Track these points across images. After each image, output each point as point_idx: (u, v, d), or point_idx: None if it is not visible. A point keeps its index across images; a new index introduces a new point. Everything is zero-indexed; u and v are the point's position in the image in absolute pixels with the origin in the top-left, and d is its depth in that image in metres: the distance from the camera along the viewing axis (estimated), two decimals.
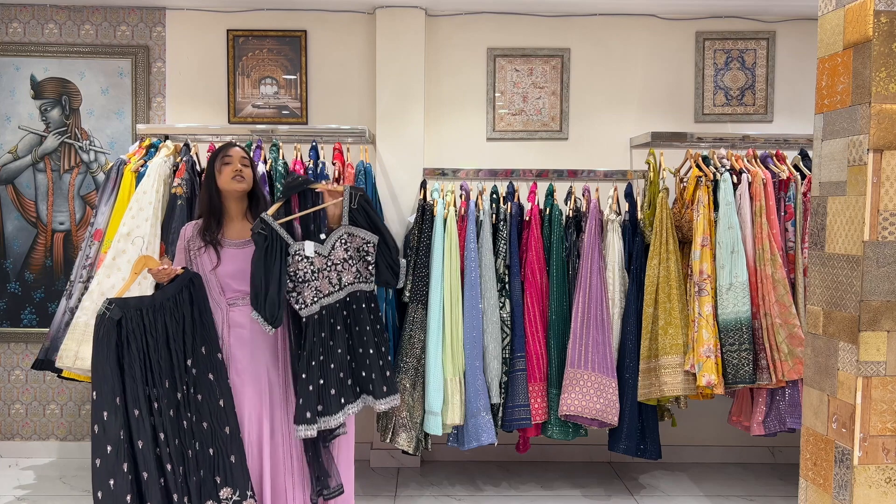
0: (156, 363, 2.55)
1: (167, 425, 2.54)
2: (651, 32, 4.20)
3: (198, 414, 2.60)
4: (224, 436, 2.61)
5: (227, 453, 2.60)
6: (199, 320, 2.64)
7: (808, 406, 2.39)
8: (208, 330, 2.66)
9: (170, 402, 2.56)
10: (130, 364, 2.50)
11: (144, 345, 2.54)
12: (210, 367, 2.64)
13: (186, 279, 2.66)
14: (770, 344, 3.32)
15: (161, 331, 2.58)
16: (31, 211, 4.15)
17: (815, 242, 2.38)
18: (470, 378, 3.40)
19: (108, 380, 2.47)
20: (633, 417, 3.48)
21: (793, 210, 3.48)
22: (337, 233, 2.76)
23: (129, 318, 2.53)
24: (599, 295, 3.42)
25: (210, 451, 2.59)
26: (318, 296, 2.71)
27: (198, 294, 2.66)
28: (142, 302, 2.59)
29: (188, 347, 2.62)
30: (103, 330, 2.50)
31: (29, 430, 4.22)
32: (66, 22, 4.13)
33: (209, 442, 2.60)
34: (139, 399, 2.49)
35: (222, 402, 2.63)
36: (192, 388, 2.60)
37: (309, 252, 2.69)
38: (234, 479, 2.59)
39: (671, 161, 3.76)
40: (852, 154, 2.20)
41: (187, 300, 2.64)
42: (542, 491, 3.78)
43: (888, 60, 2.12)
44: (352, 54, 4.17)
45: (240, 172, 2.76)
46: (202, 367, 2.63)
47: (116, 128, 4.14)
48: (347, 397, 2.77)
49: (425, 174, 3.75)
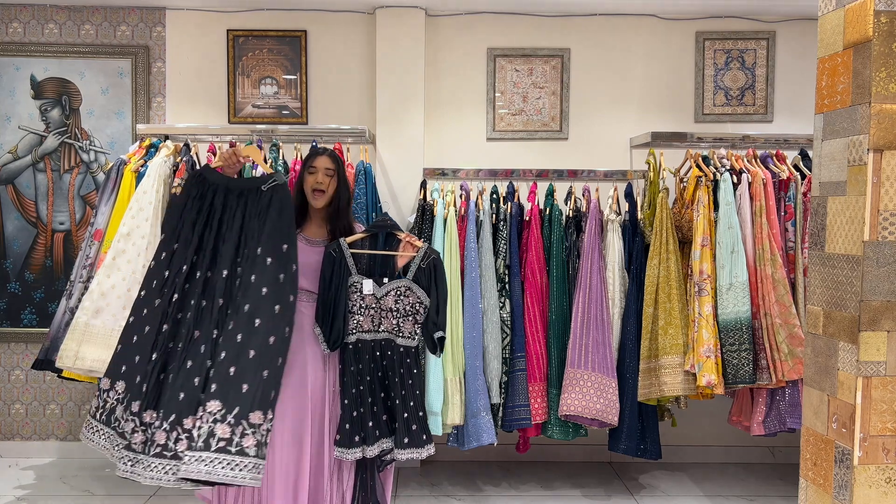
0: (221, 247, 2.50)
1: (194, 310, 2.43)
2: (651, 32, 4.20)
3: (235, 318, 2.38)
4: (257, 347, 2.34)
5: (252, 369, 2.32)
6: (274, 225, 2.53)
7: (808, 406, 2.39)
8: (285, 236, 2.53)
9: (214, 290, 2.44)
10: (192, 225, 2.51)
11: (218, 224, 2.53)
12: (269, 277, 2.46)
13: (274, 181, 2.59)
14: (770, 344, 3.32)
15: (239, 216, 2.54)
16: (31, 211, 4.15)
17: (815, 242, 2.38)
18: (470, 378, 3.40)
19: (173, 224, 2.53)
20: (633, 417, 3.48)
21: (793, 210, 3.48)
22: (396, 282, 2.76)
23: (210, 185, 2.58)
24: (599, 295, 3.41)
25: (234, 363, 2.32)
26: (357, 328, 2.75)
27: (285, 200, 2.58)
28: (228, 182, 2.61)
29: (256, 246, 2.48)
30: (190, 182, 2.60)
31: (29, 430, 4.22)
32: (66, 22, 4.13)
33: (236, 350, 2.33)
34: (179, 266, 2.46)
35: (277, 308, 2.41)
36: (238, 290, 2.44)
37: (366, 289, 2.74)
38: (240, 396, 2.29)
39: (671, 161, 3.76)
40: (852, 154, 2.20)
41: (268, 202, 2.55)
42: (542, 491, 3.78)
43: (888, 60, 2.12)
44: (352, 54, 4.17)
45: (320, 186, 2.79)
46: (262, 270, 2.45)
47: (116, 128, 4.14)
48: (382, 432, 2.77)
49: (425, 174, 3.75)
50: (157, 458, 2.24)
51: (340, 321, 2.70)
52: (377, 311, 2.76)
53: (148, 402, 2.31)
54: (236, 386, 2.25)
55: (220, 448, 2.18)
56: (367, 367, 2.75)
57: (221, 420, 2.20)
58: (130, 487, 3.75)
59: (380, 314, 2.77)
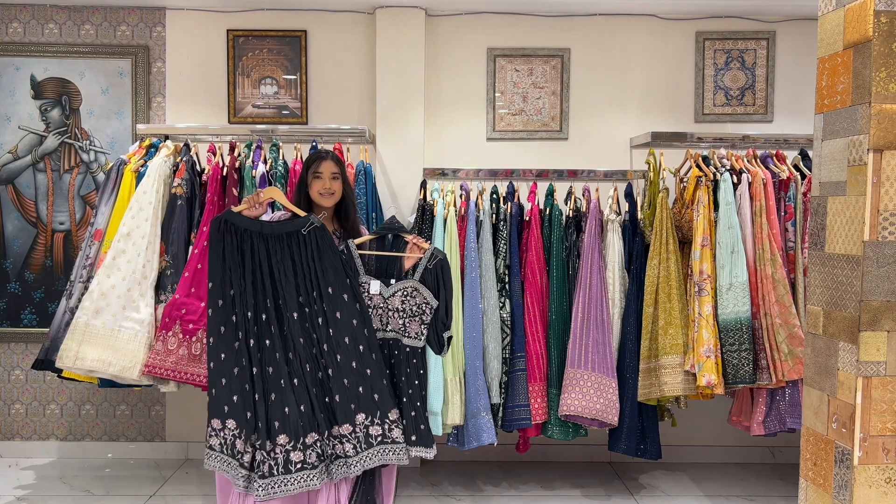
0: (281, 290, 2.74)
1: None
2: (651, 32, 4.20)
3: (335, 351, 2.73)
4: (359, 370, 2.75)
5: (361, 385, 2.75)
6: (331, 264, 2.77)
7: (808, 406, 2.39)
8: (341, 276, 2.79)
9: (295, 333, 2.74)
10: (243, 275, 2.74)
11: (269, 268, 2.74)
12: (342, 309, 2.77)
13: (312, 224, 2.76)
14: (770, 344, 3.32)
15: (288, 261, 2.75)
16: (31, 211, 4.15)
17: (815, 242, 2.38)
18: (470, 378, 3.40)
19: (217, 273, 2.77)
20: (633, 417, 3.48)
21: (793, 210, 3.48)
22: (403, 283, 2.84)
23: (244, 231, 2.77)
24: (599, 295, 3.41)
25: (345, 381, 2.73)
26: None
27: (326, 241, 2.78)
28: (262, 227, 2.78)
29: (319, 283, 2.75)
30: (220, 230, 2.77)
31: (29, 430, 4.22)
32: (66, 22, 4.13)
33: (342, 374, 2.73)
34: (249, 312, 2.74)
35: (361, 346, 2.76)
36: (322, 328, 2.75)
37: (373, 290, 2.84)
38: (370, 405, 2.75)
39: (671, 161, 3.76)
40: (852, 154, 2.20)
41: (316, 244, 2.76)
42: (542, 491, 3.78)
43: (888, 60, 2.12)
44: (352, 54, 4.17)
45: (329, 189, 2.93)
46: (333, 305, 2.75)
47: (116, 128, 4.14)
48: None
49: (425, 174, 3.75)
50: (304, 471, 2.68)
51: None
52: (384, 311, 2.84)
53: (263, 435, 2.68)
54: (370, 398, 2.74)
55: (379, 442, 2.73)
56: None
57: (371, 424, 2.73)
58: (130, 487, 3.75)
59: (387, 314, 2.84)
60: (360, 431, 2.72)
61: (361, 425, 2.72)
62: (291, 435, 2.65)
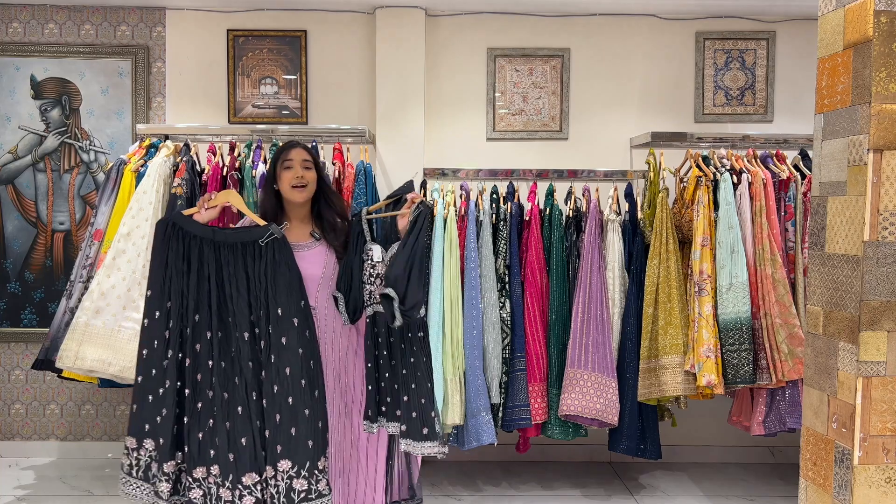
0: (231, 307, 2.44)
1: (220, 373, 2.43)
2: (651, 32, 4.20)
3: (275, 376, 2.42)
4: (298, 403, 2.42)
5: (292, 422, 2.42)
6: (284, 282, 2.46)
7: (808, 406, 2.39)
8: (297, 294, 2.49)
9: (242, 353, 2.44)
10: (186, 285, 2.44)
11: (219, 281, 2.45)
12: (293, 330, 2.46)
13: (272, 234, 2.47)
14: (770, 344, 3.32)
15: (241, 274, 2.45)
16: (31, 211, 4.15)
17: (815, 242, 2.38)
18: (470, 378, 3.40)
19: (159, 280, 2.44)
20: (633, 417, 3.48)
21: (793, 210, 3.48)
22: (395, 245, 2.59)
23: (193, 237, 2.46)
24: (599, 295, 3.42)
25: (276, 418, 2.41)
26: (372, 299, 2.59)
27: (283, 256, 2.47)
28: (214, 234, 2.49)
29: (273, 301, 2.45)
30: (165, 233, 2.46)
31: (29, 430, 4.22)
32: (66, 22, 4.13)
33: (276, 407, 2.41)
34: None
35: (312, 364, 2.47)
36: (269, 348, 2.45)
37: (376, 257, 2.58)
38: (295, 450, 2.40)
39: (671, 161, 3.76)
40: (852, 154, 2.20)
41: (272, 257, 2.46)
42: (542, 491, 3.78)
43: (888, 60, 2.12)
44: (352, 54, 4.17)
45: (301, 179, 2.59)
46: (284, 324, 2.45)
47: (116, 128, 4.14)
48: (390, 416, 2.64)
49: (425, 174, 3.75)
50: None
51: (357, 291, 2.57)
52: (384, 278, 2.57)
53: (193, 460, 2.41)
54: (302, 444, 2.40)
55: (302, 499, 2.39)
56: (378, 341, 2.61)
57: (297, 476, 2.39)
58: None
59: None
60: (281, 482, 2.37)
61: (284, 474, 2.37)
62: (224, 469, 2.37)
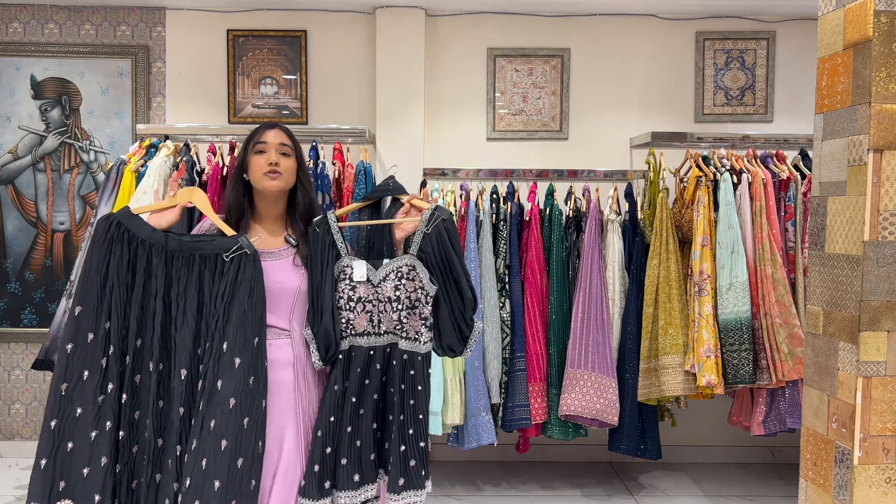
0: (174, 334, 1.96)
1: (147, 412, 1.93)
2: (651, 32, 4.20)
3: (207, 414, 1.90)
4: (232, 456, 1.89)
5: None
6: (239, 311, 1.95)
7: (808, 406, 2.39)
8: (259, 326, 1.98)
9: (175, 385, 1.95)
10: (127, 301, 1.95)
11: (166, 302, 1.96)
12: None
13: (240, 248, 1.97)
14: (770, 344, 3.32)
15: (193, 295, 1.96)
16: (31, 211, 4.15)
17: (815, 242, 2.38)
18: (470, 378, 3.40)
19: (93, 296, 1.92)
20: (633, 417, 3.48)
21: (793, 210, 3.48)
22: (397, 262, 2.05)
23: (141, 243, 1.97)
24: (599, 295, 3.42)
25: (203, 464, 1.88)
26: (349, 330, 2.05)
27: (247, 277, 1.97)
28: (167, 240, 1.98)
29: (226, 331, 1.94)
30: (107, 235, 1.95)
31: (29, 430, 4.22)
32: (66, 22, 4.13)
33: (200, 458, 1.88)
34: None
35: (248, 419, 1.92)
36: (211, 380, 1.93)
37: (357, 276, 2.03)
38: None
39: (671, 161, 3.76)
40: (852, 154, 2.20)
41: (234, 278, 1.96)
42: (542, 491, 3.78)
43: (888, 60, 2.12)
44: (352, 54, 4.17)
45: (276, 166, 2.05)
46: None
47: (116, 128, 4.14)
48: (366, 475, 2.06)
49: (425, 174, 3.75)
50: None
51: (329, 319, 2.01)
52: (375, 303, 2.04)
53: None
54: None
55: None
56: (357, 385, 2.04)
57: None
58: None
59: (378, 308, 2.04)
60: None
61: None
62: None
